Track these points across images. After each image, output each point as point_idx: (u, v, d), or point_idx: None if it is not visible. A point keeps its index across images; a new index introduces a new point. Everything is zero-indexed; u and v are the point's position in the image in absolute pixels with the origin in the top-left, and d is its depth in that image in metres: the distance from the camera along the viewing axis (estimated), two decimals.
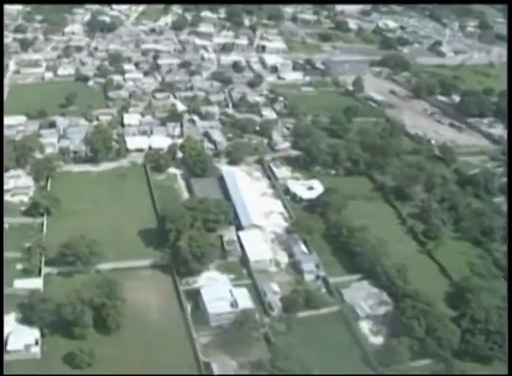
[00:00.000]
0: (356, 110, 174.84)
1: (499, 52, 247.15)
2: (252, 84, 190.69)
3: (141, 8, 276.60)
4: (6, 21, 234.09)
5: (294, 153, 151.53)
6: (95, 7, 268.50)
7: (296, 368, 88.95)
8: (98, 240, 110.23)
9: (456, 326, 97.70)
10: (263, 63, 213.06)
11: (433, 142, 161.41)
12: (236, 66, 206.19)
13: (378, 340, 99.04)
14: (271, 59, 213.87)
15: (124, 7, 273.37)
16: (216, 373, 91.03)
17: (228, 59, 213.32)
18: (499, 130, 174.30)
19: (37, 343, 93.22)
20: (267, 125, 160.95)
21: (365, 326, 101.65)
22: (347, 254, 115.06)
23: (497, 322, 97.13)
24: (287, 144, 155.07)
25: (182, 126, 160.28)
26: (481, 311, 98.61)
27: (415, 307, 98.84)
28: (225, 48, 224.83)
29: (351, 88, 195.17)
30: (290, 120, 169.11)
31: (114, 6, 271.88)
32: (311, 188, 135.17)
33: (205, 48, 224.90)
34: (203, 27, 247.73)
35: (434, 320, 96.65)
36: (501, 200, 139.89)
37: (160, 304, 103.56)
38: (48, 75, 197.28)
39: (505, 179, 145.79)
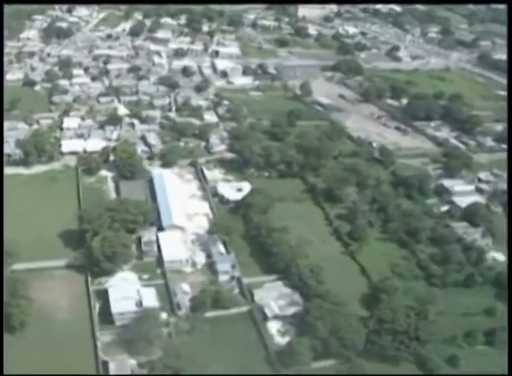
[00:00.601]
0: (299, 113, 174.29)
1: (458, 57, 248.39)
2: (199, 89, 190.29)
3: (102, 15, 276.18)
4: None
5: (230, 155, 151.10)
6: (56, 13, 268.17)
7: (188, 367, 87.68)
8: (18, 240, 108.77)
9: (363, 326, 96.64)
10: (214, 67, 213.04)
11: (374, 144, 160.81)
12: (185, 71, 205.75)
13: (284, 340, 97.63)
14: (221, 64, 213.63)
15: (84, 13, 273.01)
16: (112, 372, 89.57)
17: (179, 64, 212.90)
18: (445, 133, 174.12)
19: None
20: (206, 129, 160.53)
21: (273, 326, 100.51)
22: (265, 255, 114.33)
23: (404, 322, 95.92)
24: (224, 147, 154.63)
25: (120, 129, 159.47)
26: (388, 311, 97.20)
27: (321, 307, 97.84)
28: (178, 54, 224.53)
29: (299, 92, 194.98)
30: (231, 123, 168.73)
31: (76, 12, 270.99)
32: (239, 190, 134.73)
33: (159, 53, 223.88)
34: (161, 33, 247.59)
35: (338, 320, 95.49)
36: (434, 201, 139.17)
37: (69, 304, 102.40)
38: None
39: (442, 181, 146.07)
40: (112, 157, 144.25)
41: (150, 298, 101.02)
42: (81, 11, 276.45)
